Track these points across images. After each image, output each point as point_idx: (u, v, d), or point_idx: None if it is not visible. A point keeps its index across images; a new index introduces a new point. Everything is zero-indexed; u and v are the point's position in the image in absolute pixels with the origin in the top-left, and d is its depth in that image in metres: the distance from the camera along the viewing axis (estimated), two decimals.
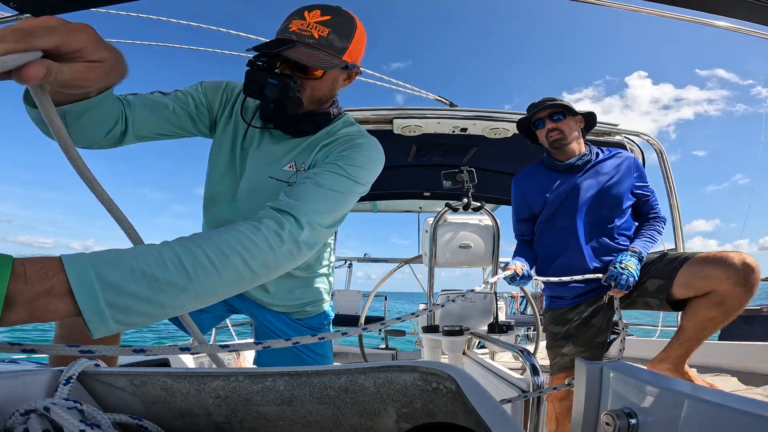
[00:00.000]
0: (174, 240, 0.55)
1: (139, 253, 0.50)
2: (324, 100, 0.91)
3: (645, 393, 0.48)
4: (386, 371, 0.34)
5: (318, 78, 0.85)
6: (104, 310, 0.45)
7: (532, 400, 1.19)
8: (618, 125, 2.68)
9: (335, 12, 0.84)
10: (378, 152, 0.89)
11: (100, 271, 0.45)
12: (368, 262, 4.61)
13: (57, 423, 0.35)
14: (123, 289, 0.46)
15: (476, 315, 2.04)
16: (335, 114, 0.95)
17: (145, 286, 0.48)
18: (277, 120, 0.91)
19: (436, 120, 2.40)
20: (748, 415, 0.36)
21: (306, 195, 0.72)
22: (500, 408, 0.29)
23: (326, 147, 0.89)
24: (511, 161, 3.09)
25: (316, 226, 0.70)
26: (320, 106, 0.92)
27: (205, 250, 0.54)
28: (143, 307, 0.48)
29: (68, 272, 0.43)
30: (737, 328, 3.82)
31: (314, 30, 0.81)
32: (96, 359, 0.45)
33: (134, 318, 0.48)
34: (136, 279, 0.48)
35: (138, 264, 0.48)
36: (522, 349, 1.32)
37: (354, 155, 0.83)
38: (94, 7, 1.18)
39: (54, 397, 0.40)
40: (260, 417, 0.40)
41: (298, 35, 0.80)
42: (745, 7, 0.95)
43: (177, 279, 0.51)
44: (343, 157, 0.82)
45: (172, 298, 0.50)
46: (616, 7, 1.53)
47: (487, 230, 2.09)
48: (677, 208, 2.67)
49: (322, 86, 0.87)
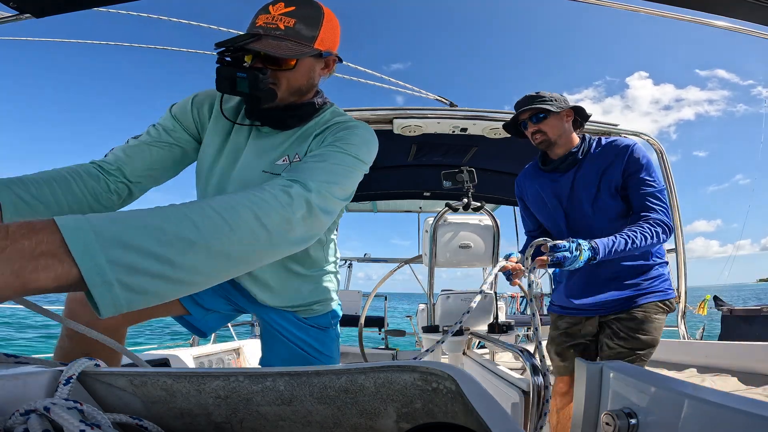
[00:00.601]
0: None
1: (140, 212, 0.45)
2: (303, 91, 0.91)
3: (645, 393, 0.48)
4: (386, 371, 0.34)
5: (291, 68, 0.85)
6: (105, 270, 0.38)
7: (533, 400, 1.19)
8: (618, 125, 2.68)
9: (299, 3, 0.84)
10: (372, 136, 0.89)
11: (97, 224, 0.39)
12: (368, 263, 4.61)
13: (57, 423, 0.35)
14: (125, 241, 0.40)
15: (476, 315, 2.04)
16: (320, 104, 0.95)
17: (150, 237, 0.42)
18: (260, 115, 0.91)
19: (436, 120, 2.40)
20: (748, 415, 0.36)
21: (310, 168, 0.71)
22: (500, 408, 0.29)
23: (319, 135, 0.89)
24: (511, 161, 3.09)
25: (326, 193, 0.68)
26: (301, 97, 0.92)
27: (212, 205, 0.50)
28: (151, 265, 0.41)
29: (60, 226, 0.37)
30: (737, 328, 3.82)
31: (279, 22, 0.81)
32: (96, 359, 0.45)
33: (142, 280, 0.40)
34: (139, 231, 0.41)
35: (141, 218, 0.43)
36: (522, 349, 1.32)
37: (349, 136, 0.83)
38: (94, 7, 1.18)
39: (54, 397, 0.40)
40: (260, 417, 0.40)
41: (265, 29, 0.81)
42: (745, 7, 0.95)
43: (185, 231, 0.45)
44: (340, 138, 0.83)
45: (182, 252, 0.44)
46: (616, 7, 1.53)
47: (487, 230, 2.09)
48: (677, 209, 2.67)
49: (297, 76, 0.87)
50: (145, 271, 0.41)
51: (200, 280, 0.47)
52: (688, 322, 2.63)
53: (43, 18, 1.14)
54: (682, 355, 2.26)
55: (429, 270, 2.08)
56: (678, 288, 2.60)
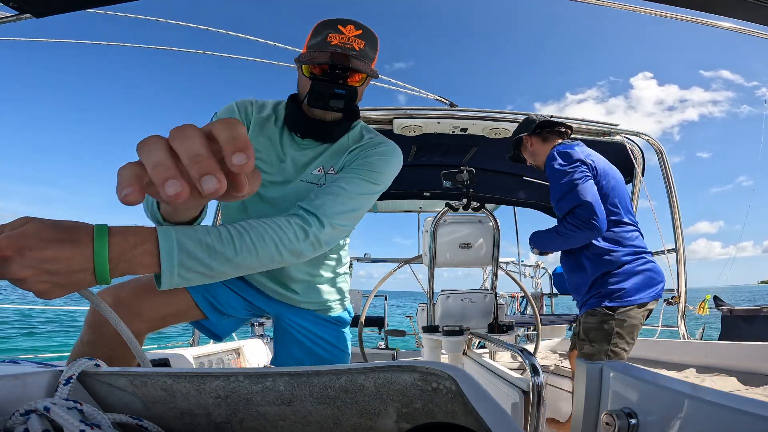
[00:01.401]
0: (230, 224, 0.68)
1: (207, 229, 0.64)
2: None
3: (645, 393, 0.48)
4: (386, 371, 0.34)
5: (359, 86, 0.93)
6: (175, 267, 0.58)
7: (533, 400, 1.19)
8: (618, 125, 2.68)
9: (364, 27, 0.92)
10: (399, 160, 0.98)
11: (180, 239, 0.59)
12: (370, 262, 4.61)
13: (57, 423, 0.35)
14: (192, 253, 0.59)
15: (476, 315, 2.04)
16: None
17: (205, 253, 0.61)
18: (313, 128, 0.98)
19: (436, 120, 2.40)
20: (748, 415, 0.36)
21: (331, 198, 0.82)
22: (500, 408, 0.29)
23: (354, 151, 0.98)
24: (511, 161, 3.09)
25: (336, 225, 0.81)
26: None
27: (250, 233, 0.68)
28: (199, 268, 0.61)
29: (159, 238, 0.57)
30: (737, 328, 3.82)
31: (354, 43, 0.89)
32: (96, 359, 0.45)
33: (191, 275, 0.60)
34: (201, 247, 0.61)
35: (204, 237, 0.62)
36: (522, 349, 1.32)
37: (379, 162, 0.93)
38: (95, 7, 1.18)
39: (54, 397, 0.40)
40: (260, 417, 0.40)
41: (342, 48, 0.88)
42: (746, 7, 0.95)
43: (227, 252, 0.64)
44: (370, 164, 0.92)
45: (220, 264, 0.63)
46: (616, 7, 1.53)
47: (487, 230, 2.09)
48: (677, 209, 2.67)
49: (360, 94, 0.98)
50: (195, 271, 0.60)
51: (223, 278, 0.66)
52: (688, 322, 2.63)
53: (43, 18, 1.14)
54: (682, 355, 2.26)
55: (429, 270, 2.07)
56: (678, 288, 2.60)
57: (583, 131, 2.65)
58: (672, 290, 2.61)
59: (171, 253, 0.57)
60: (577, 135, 2.66)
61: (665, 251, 2.66)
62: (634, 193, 3.00)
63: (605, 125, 2.67)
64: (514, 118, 2.50)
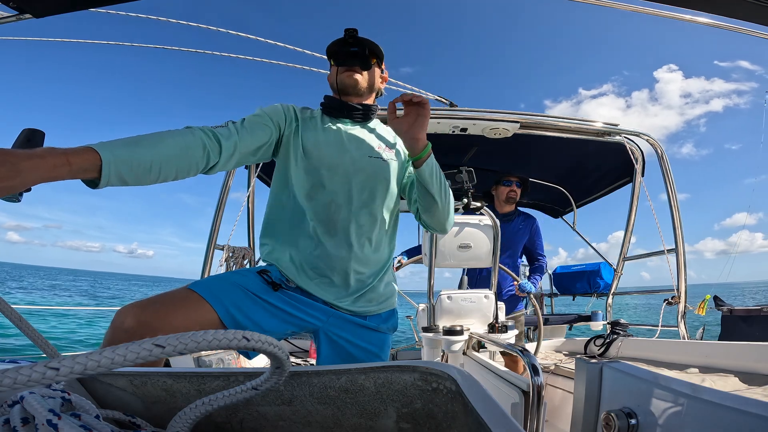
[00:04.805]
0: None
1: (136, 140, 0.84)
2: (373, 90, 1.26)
3: (645, 393, 0.48)
4: (386, 371, 0.34)
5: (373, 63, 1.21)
6: (111, 168, 0.76)
7: (533, 400, 1.19)
8: (618, 125, 2.67)
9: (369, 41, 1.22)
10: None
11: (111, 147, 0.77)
12: None
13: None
14: (123, 159, 0.78)
15: (476, 315, 2.04)
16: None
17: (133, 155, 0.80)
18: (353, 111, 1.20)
19: (436, 120, 2.39)
20: (748, 415, 0.36)
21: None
22: (500, 408, 0.29)
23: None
24: (511, 161, 3.09)
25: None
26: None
27: (163, 136, 0.89)
28: (129, 170, 0.79)
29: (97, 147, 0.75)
30: (737, 328, 3.81)
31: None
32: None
33: (123, 176, 0.79)
34: (130, 151, 0.80)
35: (134, 145, 0.82)
36: (522, 349, 1.31)
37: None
38: (94, 7, 1.18)
39: (42, 389, 0.39)
40: (260, 417, 0.40)
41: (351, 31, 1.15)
42: (746, 7, 0.95)
43: (150, 156, 0.83)
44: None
45: (148, 171, 0.83)
46: (616, 7, 1.53)
47: (487, 230, 2.09)
48: (677, 209, 2.67)
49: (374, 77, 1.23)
50: (127, 173, 0.80)
51: (151, 170, 0.85)
52: (690, 322, 2.63)
53: (44, 18, 1.14)
54: (682, 355, 2.25)
55: (429, 270, 2.07)
56: (678, 288, 2.60)
57: (583, 131, 2.65)
58: (672, 290, 2.61)
59: (108, 156, 0.75)
60: (577, 135, 2.66)
61: (665, 251, 2.65)
62: (633, 193, 3.00)
63: (605, 125, 2.67)
64: (514, 118, 2.50)
